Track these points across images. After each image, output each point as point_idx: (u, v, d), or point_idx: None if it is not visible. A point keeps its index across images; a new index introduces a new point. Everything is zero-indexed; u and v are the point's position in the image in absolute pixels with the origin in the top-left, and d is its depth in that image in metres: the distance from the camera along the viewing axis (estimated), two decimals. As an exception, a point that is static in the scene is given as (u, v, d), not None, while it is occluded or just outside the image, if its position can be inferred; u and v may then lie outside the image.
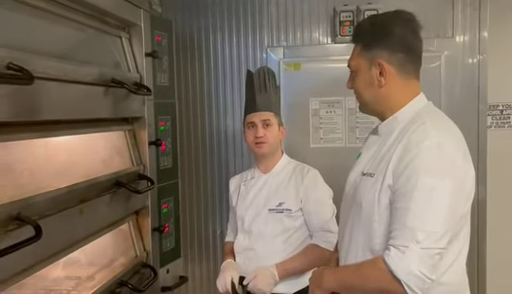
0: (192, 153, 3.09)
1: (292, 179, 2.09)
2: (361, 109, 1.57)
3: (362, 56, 1.46)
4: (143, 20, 2.01)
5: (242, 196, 2.16)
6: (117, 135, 1.95)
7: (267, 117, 2.09)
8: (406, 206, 1.29)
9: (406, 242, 1.26)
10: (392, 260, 1.26)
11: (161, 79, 2.17)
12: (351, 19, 2.77)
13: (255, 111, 2.10)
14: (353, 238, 1.47)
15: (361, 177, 1.47)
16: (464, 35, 2.78)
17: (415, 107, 1.45)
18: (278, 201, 2.05)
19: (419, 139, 1.33)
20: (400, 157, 1.34)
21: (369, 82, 1.46)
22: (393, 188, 1.34)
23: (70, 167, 1.66)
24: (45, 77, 1.32)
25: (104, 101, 1.71)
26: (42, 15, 1.46)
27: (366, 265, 1.38)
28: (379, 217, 1.37)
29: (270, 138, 2.08)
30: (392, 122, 1.46)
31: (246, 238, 2.10)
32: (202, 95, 3.07)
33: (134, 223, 2.02)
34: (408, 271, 1.24)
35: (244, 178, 2.21)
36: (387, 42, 1.43)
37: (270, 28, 2.99)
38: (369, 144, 1.56)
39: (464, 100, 2.74)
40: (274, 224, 2.04)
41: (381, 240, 1.37)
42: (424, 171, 1.29)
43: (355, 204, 1.47)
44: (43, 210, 1.33)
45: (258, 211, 2.08)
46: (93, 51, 1.78)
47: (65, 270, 1.76)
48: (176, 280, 2.28)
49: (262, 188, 2.12)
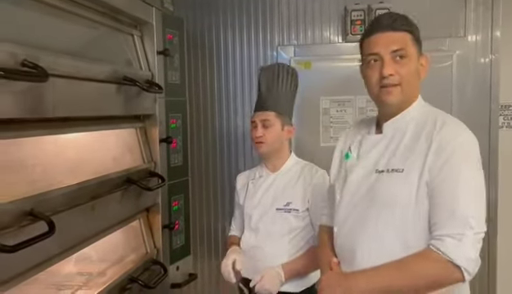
0: (202, 150, 3.10)
1: (300, 179, 2.08)
2: (399, 99, 1.48)
3: (414, 45, 1.49)
4: (155, 18, 2.02)
5: (250, 194, 2.15)
6: (128, 132, 1.96)
7: (266, 117, 2.05)
8: (452, 196, 1.35)
9: (460, 230, 1.31)
10: (448, 249, 1.30)
11: (172, 77, 2.18)
12: (362, 18, 2.77)
13: (257, 110, 2.10)
14: (382, 236, 1.43)
15: (379, 175, 1.46)
16: (476, 34, 2.76)
17: (421, 104, 1.53)
18: (286, 200, 2.05)
19: (452, 136, 1.41)
20: (436, 154, 1.38)
21: (417, 72, 1.50)
22: (432, 182, 1.38)
23: (82, 164, 1.67)
24: (58, 74, 1.33)
25: (116, 99, 1.72)
26: (55, 12, 1.48)
27: (413, 260, 1.37)
28: (414, 211, 1.39)
29: (269, 138, 2.05)
30: (401, 120, 1.50)
31: (253, 236, 2.09)
32: (212, 93, 3.08)
33: (145, 220, 2.03)
34: (468, 257, 1.30)
35: (252, 176, 2.20)
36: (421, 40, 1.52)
37: (281, 26, 2.99)
38: (370, 143, 1.55)
39: (476, 100, 2.73)
40: (281, 223, 2.04)
41: (415, 234, 1.39)
42: (464, 162, 1.38)
43: (378, 201, 1.45)
44: (56, 206, 1.34)
45: (266, 210, 2.07)
46: (106, 49, 1.80)
47: (76, 266, 1.77)
48: (185, 277, 2.29)
49: (270, 187, 2.11)
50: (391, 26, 1.47)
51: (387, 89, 1.46)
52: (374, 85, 1.49)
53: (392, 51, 1.45)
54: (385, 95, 1.47)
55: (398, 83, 1.45)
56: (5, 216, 1.12)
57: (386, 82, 1.45)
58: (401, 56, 1.45)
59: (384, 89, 1.46)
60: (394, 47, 1.45)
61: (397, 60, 1.45)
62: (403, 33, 1.47)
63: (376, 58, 1.47)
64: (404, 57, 1.45)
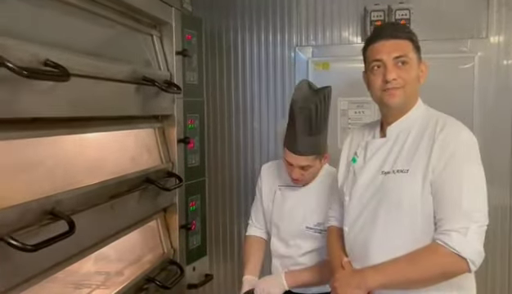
0: (219, 151, 3.10)
1: (329, 194, 1.96)
2: (402, 101, 1.57)
3: (414, 52, 1.58)
4: (174, 18, 2.02)
5: (278, 203, 2.06)
6: (147, 132, 1.97)
7: (306, 163, 1.89)
8: (457, 192, 1.43)
9: (465, 224, 1.40)
10: (455, 242, 1.39)
11: (190, 77, 2.18)
12: (382, 18, 2.73)
13: (295, 153, 1.88)
14: (390, 235, 1.52)
15: (385, 176, 1.55)
16: (498, 36, 2.71)
17: (422, 107, 1.62)
18: (317, 220, 1.96)
19: (453, 134, 1.50)
20: (439, 153, 1.47)
21: (417, 77, 1.59)
22: (436, 181, 1.46)
23: (102, 164, 1.68)
24: (79, 74, 1.33)
25: (135, 99, 1.73)
26: (77, 12, 1.48)
27: (421, 254, 1.46)
28: (421, 208, 1.48)
29: (307, 177, 1.96)
30: (404, 123, 1.59)
31: (283, 246, 2.05)
32: (230, 94, 3.07)
33: (162, 220, 2.03)
34: (473, 249, 1.40)
35: (280, 181, 2.08)
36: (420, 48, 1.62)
37: (299, 27, 2.97)
38: (374, 147, 1.63)
39: (498, 103, 2.67)
40: (311, 240, 1.99)
41: (423, 231, 1.48)
42: (467, 159, 1.47)
43: (386, 202, 1.54)
44: (76, 205, 1.35)
45: (295, 226, 2.00)
46: (125, 49, 1.80)
47: (94, 265, 1.78)
48: (202, 278, 2.29)
49: (300, 201, 2.01)
50: (393, 34, 1.58)
51: (390, 91, 1.55)
52: (377, 89, 1.58)
53: (395, 57, 1.54)
54: (388, 97, 1.56)
55: (401, 86, 1.55)
56: (26, 215, 1.13)
57: (389, 85, 1.54)
58: (402, 62, 1.55)
59: (387, 92, 1.56)
60: (396, 54, 1.55)
61: (399, 65, 1.55)
62: (405, 41, 1.57)
63: (379, 64, 1.56)
64: (406, 63, 1.55)
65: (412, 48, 1.58)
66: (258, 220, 2.17)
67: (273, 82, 3.03)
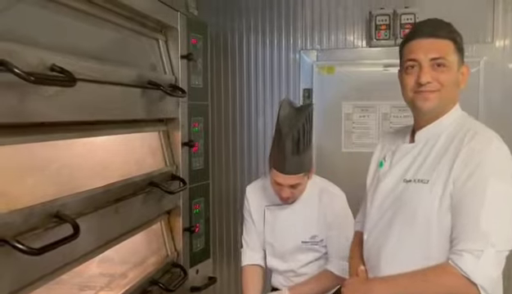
0: (223, 154, 3.11)
1: (321, 205, 2.02)
2: (436, 105, 1.44)
3: (456, 54, 1.45)
4: (180, 22, 2.03)
5: (268, 222, 2.09)
6: (151, 135, 1.98)
7: (295, 181, 1.91)
8: (476, 209, 1.29)
9: (480, 246, 1.27)
10: (466, 265, 1.27)
11: (195, 81, 2.19)
12: (387, 23, 2.74)
13: (284, 173, 1.88)
14: (403, 246, 1.44)
15: (406, 184, 1.45)
16: (504, 40, 2.71)
17: (456, 115, 1.49)
18: (311, 233, 2.01)
19: (483, 144, 1.36)
20: (464, 163, 1.34)
21: (456, 81, 1.46)
22: (456, 194, 1.34)
23: (107, 167, 1.69)
24: (85, 78, 1.35)
25: (140, 102, 1.74)
26: (82, 17, 1.50)
27: (431, 272, 1.35)
28: (438, 223, 1.37)
29: (296, 193, 1.99)
30: (433, 130, 1.47)
31: (280, 262, 2.09)
32: (234, 98, 3.09)
33: (166, 223, 2.04)
34: (485, 275, 1.27)
35: (266, 198, 2.09)
36: (463, 49, 1.49)
37: (304, 30, 2.98)
38: (402, 152, 1.53)
39: (504, 108, 2.68)
40: (308, 253, 2.03)
41: (438, 246, 1.37)
42: (492, 174, 1.31)
43: (402, 212, 1.45)
44: (81, 208, 1.36)
45: (291, 243, 2.04)
46: (131, 53, 1.81)
47: (98, 267, 1.79)
48: (205, 281, 2.30)
49: (291, 218, 2.04)
50: (433, 33, 1.44)
51: (423, 95, 1.43)
52: (409, 90, 1.46)
53: (432, 58, 1.42)
54: (421, 101, 1.44)
55: (436, 90, 1.42)
56: (32, 218, 1.14)
57: (423, 88, 1.42)
58: (439, 65, 1.42)
59: (420, 95, 1.44)
60: (434, 55, 1.42)
61: (435, 67, 1.42)
62: (445, 40, 1.43)
63: (414, 64, 1.44)
64: (443, 66, 1.42)
65: (454, 49, 1.44)
66: (253, 241, 2.17)
67: (278, 86, 3.04)
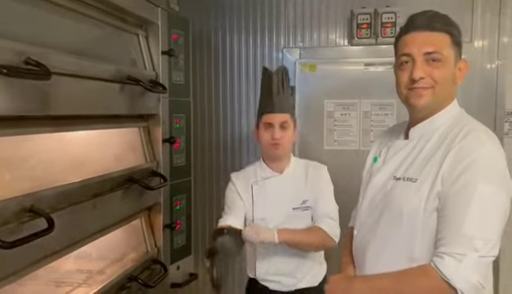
0: (206, 151, 3.11)
1: (310, 174, 2.10)
2: (430, 102, 1.39)
3: (452, 48, 1.38)
4: (160, 18, 2.03)
5: (258, 198, 2.10)
6: (131, 131, 1.97)
7: (285, 119, 2.04)
8: (461, 212, 1.25)
9: (463, 250, 1.23)
10: (446, 268, 1.24)
11: (177, 77, 2.19)
12: (368, 21, 2.76)
13: (273, 112, 2.04)
14: (388, 245, 1.42)
15: (395, 182, 1.42)
16: (482, 40, 2.75)
17: (452, 112, 1.43)
18: (302, 199, 2.06)
19: (474, 145, 1.30)
20: (453, 163, 1.30)
21: (452, 77, 1.39)
22: (443, 194, 1.30)
23: (85, 162, 1.68)
24: (62, 72, 1.34)
25: (119, 98, 1.73)
26: (60, 11, 1.49)
27: (411, 273, 1.33)
28: (422, 224, 1.33)
29: (286, 140, 2.05)
30: (427, 126, 1.42)
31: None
32: (217, 95, 3.09)
33: (146, 219, 2.04)
34: (466, 280, 1.22)
35: (254, 178, 2.14)
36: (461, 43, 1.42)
37: (287, 28, 2.99)
38: (395, 148, 1.50)
39: (482, 106, 2.71)
40: (300, 221, 2.03)
41: (422, 248, 1.34)
42: (481, 177, 1.26)
43: (389, 210, 1.42)
44: (56, 203, 1.35)
45: (282, 211, 2.05)
46: (110, 48, 1.81)
47: (76, 263, 1.78)
48: (186, 277, 2.30)
49: (282, 187, 2.09)
50: (428, 26, 1.37)
51: (417, 91, 1.38)
52: (403, 87, 1.41)
53: (426, 52, 1.36)
54: (414, 98, 1.39)
55: (430, 86, 1.37)
56: (5, 212, 1.13)
57: (416, 85, 1.37)
58: (434, 59, 1.36)
59: (413, 91, 1.39)
60: (428, 49, 1.36)
61: (430, 63, 1.36)
62: (441, 34, 1.37)
63: (408, 59, 1.39)
64: (438, 61, 1.35)
65: (450, 43, 1.37)
66: (236, 211, 2.08)
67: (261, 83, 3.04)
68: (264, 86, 2.13)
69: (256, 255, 2.11)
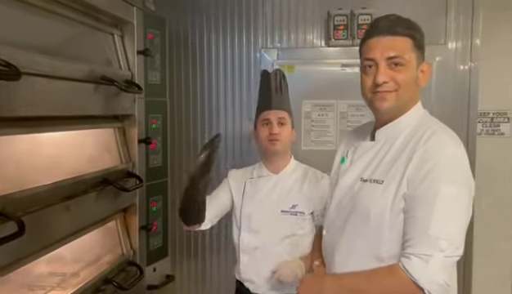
0: (183, 152, 3.09)
1: (307, 181, 2.07)
2: (393, 105, 1.42)
3: (414, 52, 1.41)
4: (136, 17, 2.01)
5: (249, 194, 2.10)
6: (106, 132, 1.95)
7: (282, 115, 2.06)
8: (427, 214, 1.29)
9: (429, 251, 1.26)
10: (414, 268, 1.27)
11: (153, 77, 2.17)
12: (345, 23, 2.78)
13: (271, 109, 2.07)
14: (355, 246, 1.44)
15: (362, 183, 1.45)
16: (456, 42, 2.80)
17: (417, 114, 1.47)
18: (292, 203, 2.03)
19: (436, 147, 1.33)
20: (418, 165, 1.32)
21: (414, 80, 1.42)
22: (409, 196, 1.33)
23: (58, 164, 1.65)
24: (33, 72, 1.31)
25: (94, 98, 1.71)
26: (31, 10, 1.46)
27: (380, 273, 1.36)
28: (389, 225, 1.36)
29: (284, 136, 2.05)
30: (393, 128, 1.45)
31: (253, 237, 2.06)
32: (194, 95, 3.07)
33: (121, 220, 2.01)
34: (432, 280, 1.26)
35: (249, 175, 2.14)
36: (424, 46, 1.45)
37: (264, 29, 2.99)
38: (362, 149, 1.52)
39: (455, 107, 2.76)
40: (285, 225, 2.02)
41: (389, 248, 1.36)
42: (445, 179, 1.30)
43: (357, 211, 1.44)
44: (28, 206, 1.33)
45: (269, 212, 2.04)
46: (84, 48, 1.78)
47: (49, 266, 1.75)
48: (163, 279, 2.28)
49: (274, 188, 2.08)
50: (390, 30, 1.41)
51: (381, 95, 1.41)
52: (367, 90, 1.45)
53: (388, 57, 1.39)
54: (378, 101, 1.42)
55: (394, 90, 1.40)
56: (-27, 216, 1.10)
57: (380, 88, 1.40)
58: (396, 63, 1.39)
59: (377, 95, 1.42)
60: (391, 54, 1.39)
61: (392, 66, 1.39)
62: (403, 38, 1.40)
63: (371, 63, 1.42)
64: (401, 65, 1.39)
65: (412, 47, 1.40)
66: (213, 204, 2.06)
67: (239, 84, 3.04)
68: (262, 87, 2.17)
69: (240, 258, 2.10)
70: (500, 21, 3.16)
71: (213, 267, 3.08)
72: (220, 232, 3.04)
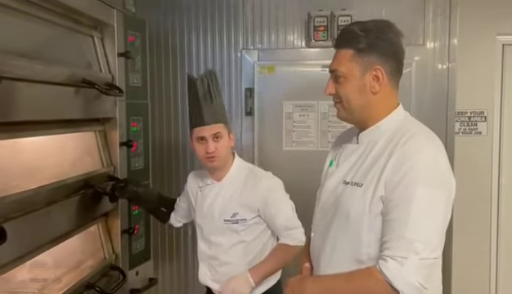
0: (165, 154, 3.07)
1: (245, 187, 2.02)
2: (344, 115, 1.48)
3: (355, 61, 1.41)
4: (116, 19, 1.99)
5: (199, 203, 2.09)
6: (87, 136, 1.93)
7: (217, 130, 1.96)
8: (403, 216, 1.29)
9: (404, 254, 1.27)
10: (389, 271, 1.28)
11: (134, 80, 2.15)
12: (325, 24, 2.80)
13: (204, 124, 1.96)
14: (337, 248, 1.46)
15: (345, 186, 1.45)
16: (434, 42, 2.84)
17: (398, 117, 1.46)
18: (232, 212, 2.00)
19: (413, 150, 1.34)
20: (394, 168, 1.33)
21: (361, 89, 1.42)
22: (387, 199, 1.34)
23: (39, 169, 1.63)
24: (12, 77, 1.29)
25: (74, 102, 1.69)
26: (10, 12, 1.44)
27: (358, 275, 1.37)
28: (368, 228, 1.37)
29: (221, 151, 1.97)
30: (375, 132, 1.46)
31: (207, 246, 2.07)
32: (176, 96, 3.05)
33: (103, 225, 2.00)
34: (407, 282, 1.27)
35: (201, 182, 2.12)
36: (382, 49, 1.41)
37: (245, 30, 2.99)
38: (347, 152, 1.53)
39: (434, 106, 2.81)
40: (231, 234, 2.01)
41: (369, 250, 1.38)
42: (421, 182, 1.30)
43: (339, 213, 1.45)
44: (9, 212, 1.31)
45: (214, 222, 2.03)
46: (64, 51, 1.76)
47: (31, 272, 1.73)
48: (145, 282, 2.26)
49: (217, 197, 2.05)
50: (336, 43, 1.47)
51: (335, 105, 1.49)
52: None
53: (330, 71, 1.45)
54: (336, 111, 1.50)
55: (338, 101, 1.46)
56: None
57: (333, 100, 1.48)
58: (336, 76, 1.43)
59: (335, 105, 1.50)
60: (331, 68, 1.45)
61: (336, 79, 1.44)
62: (343, 50, 1.43)
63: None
64: (340, 77, 1.43)
65: (351, 57, 1.41)
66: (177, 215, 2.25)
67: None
68: (190, 96, 2.04)
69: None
70: (477, 21, 3.23)
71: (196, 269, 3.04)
72: (203, 233, 3.04)
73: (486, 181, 3.42)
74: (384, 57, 1.41)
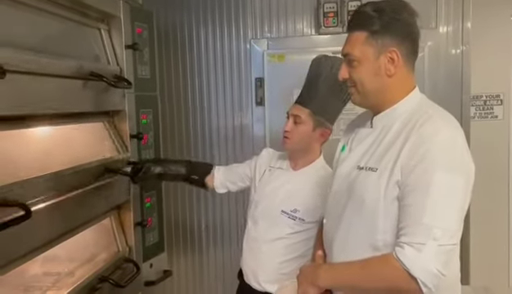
0: (176, 146, 3.07)
1: (317, 188, 1.93)
2: (359, 99, 1.45)
3: (369, 44, 1.37)
4: (123, 11, 1.97)
5: (263, 182, 2.03)
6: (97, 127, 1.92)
7: (298, 112, 1.91)
8: (420, 202, 1.26)
9: (422, 240, 1.23)
10: (407, 258, 1.24)
11: (142, 72, 2.14)
12: (335, 10, 2.76)
13: (296, 102, 1.96)
14: (351, 235, 1.43)
15: (358, 171, 1.42)
16: (447, 26, 2.78)
17: (414, 100, 1.42)
18: (294, 206, 1.92)
19: (430, 133, 1.29)
20: (410, 152, 1.29)
21: (375, 72, 1.38)
22: (403, 184, 1.29)
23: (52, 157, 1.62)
24: (19, 70, 1.29)
25: (83, 95, 1.68)
26: (16, 6, 1.43)
27: (374, 262, 1.33)
28: (384, 213, 1.33)
29: (295, 135, 1.92)
30: (391, 115, 1.41)
31: (253, 226, 2.01)
32: (185, 88, 3.04)
33: (116, 218, 1.99)
34: (425, 269, 1.23)
35: (273, 163, 2.07)
36: (397, 30, 1.37)
37: (253, 19, 2.96)
38: (361, 137, 1.50)
39: (448, 91, 2.75)
40: (281, 227, 1.93)
41: (385, 237, 1.34)
42: (439, 166, 1.26)
43: (352, 199, 1.42)
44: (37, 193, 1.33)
45: (271, 207, 1.96)
46: (71, 44, 1.75)
47: (44, 266, 1.73)
48: (160, 274, 2.27)
49: (284, 184, 1.98)
50: (348, 27, 1.43)
51: (349, 90, 1.46)
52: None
53: (343, 55, 1.42)
54: (351, 95, 1.47)
55: (353, 85, 1.42)
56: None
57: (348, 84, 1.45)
58: (350, 60, 1.40)
59: (348, 89, 1.47)
60: (344, 52, 1.42)
61: (349, 63, 1.41)
62: (356, 32, 1.39)
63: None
64: (353, 61, 1.39)
65: (365, 39, 1.37)
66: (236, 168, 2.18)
67: (229, 76, 3.02)
68: (309, 74, 2.02)
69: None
70: (491, 3, 3.15)
71: (211, 261, 3.07)
72: (216, 226, 3.04)
73: (503, 167, 3.35)
74: (399, 38, 1.37)
